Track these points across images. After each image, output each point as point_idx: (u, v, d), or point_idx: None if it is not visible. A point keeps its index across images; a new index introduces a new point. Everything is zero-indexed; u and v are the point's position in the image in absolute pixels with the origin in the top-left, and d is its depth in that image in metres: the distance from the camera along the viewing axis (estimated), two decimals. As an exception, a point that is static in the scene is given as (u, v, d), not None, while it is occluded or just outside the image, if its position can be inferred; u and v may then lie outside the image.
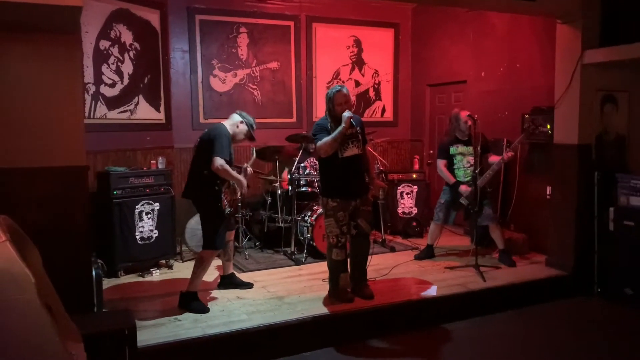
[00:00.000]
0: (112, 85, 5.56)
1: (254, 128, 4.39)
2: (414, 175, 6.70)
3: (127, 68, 5.66)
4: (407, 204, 6.59)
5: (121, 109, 5.61)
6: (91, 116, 5.33)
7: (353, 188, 4.24)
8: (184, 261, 5.46)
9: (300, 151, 5.85)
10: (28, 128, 3.37)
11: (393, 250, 5.89)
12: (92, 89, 5.34)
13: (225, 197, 4.18)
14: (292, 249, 5.62)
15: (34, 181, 3.37)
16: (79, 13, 2.95)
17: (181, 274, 4.96)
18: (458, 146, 5.31)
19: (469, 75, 6.62)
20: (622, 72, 5.03)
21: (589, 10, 4.86)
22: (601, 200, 4.95)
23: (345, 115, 4.05)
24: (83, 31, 3.71)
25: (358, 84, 7.33)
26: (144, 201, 5.07)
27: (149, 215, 5.10)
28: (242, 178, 4.23)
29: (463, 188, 5.19)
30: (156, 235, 5.14)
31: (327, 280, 4.43)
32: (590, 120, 4.98)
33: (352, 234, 4.32)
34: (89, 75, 5.27)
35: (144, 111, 5.83)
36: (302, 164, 5.88)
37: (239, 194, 4.44)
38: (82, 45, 5.24)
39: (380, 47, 7.44)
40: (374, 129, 6.37)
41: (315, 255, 5.47)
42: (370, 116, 7.39)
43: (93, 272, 3.66)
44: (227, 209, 4.25)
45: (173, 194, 5.26)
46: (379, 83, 7.48)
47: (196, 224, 5.05)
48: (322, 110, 7.00)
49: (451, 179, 5.29)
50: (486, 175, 5.14)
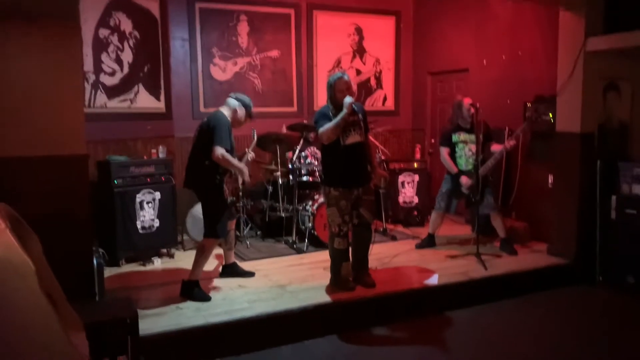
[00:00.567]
0: (112, 74, 5.53)
1: (251, 107, 4.33)
2: (415, 165, 6.68)
3: (127, 57, 5.63)
4: (408, 193, 6.57)
5: (121, 98, 5.59)
6: (91, 105, 5.31)
7: (355, 176, 4.23)
8: (185, 250, 5.46)
9: (302, 140, 5.83)
10: (28, 116, 3.35)
11: (394, 239, 5.89)
12: (92, 77, 5.32)
13: (227, 186, 4.17)
14: (294, 238, 5.62)
15: (34, 170, 3.36)
16: (77, 0, 2.92)
17: (183, 263, 4.96)
18: (460, 134, 5.28)
19: (471, 63, 6.57)
20: (625, 60, 4.99)
21: (592, -3, 4.82)
22: (603, 189, 4.94)
23: (347, 101, 4.02)
24: (82, 19, 3.67)
25: (359, 72, 7.29)
26: (145, 190, 5.06)
27: (150, 205, 5.09)
28: (244, 166, 4.20)
29: (463, 180, 5.16)
30: (157, 224, 5.13)
31: (329, 269, 4.43)
32: (593, 109, 4.95)
33: (354, 223, 4.32)
34: (88, 64, 5.24)
35: (144, 100, 5.81)
36: (303, 153, 5.86)
37: (241, 182, 4.41)
38: (82, 33, 5.22)
39: (381, 35, 7.38)
40: (375, 118, 6.33)
41: (317, 244, 5.47)
42: (372, 105, 7.36)
43: (94, 261, 3.66)
44: (230, 198, 4.24)
45: (174, 183, 5.24)
46: (380, 71, 7.44)
47: (197, 213, 5.04)
48: (323, 98, 6.98)
49: (453, 168, 5.27)
50: (488, 163, 5.12)
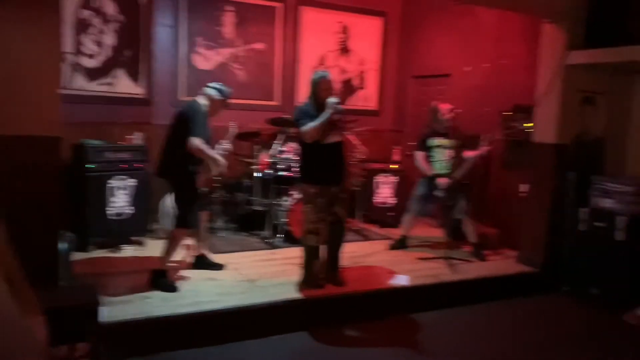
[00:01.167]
0: (92, 57, 5.45)
1: (228, 97, 4.28)
2: (392, 166, 6.71)
3: (109, 40, 5.54)
4: (384, 194, 6.60)
5: (100, 81, 5.50)
6: (68, 86, 5.21)
7: (333, 175, 4.25)
8: (156, 239, 5.40)
9: (282, 135, 5.81)
10: (1, 94, 3.27)
11: (368, 239, 5.91)
12: (71, 58, 5.22)
13: (200, 177, 4.13)
14: (268, 233, 5.60)
15: (4, 149, 3.28)
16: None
17: (153, 252, 4.87)
18: (437, 139, 5.33)
19: (454, 69, 6.62)
20: (604, 75, 5.09)
21: (576, 11, 4.89)
22: (574, 201, 5.02)
23: (331, 101, 4.05)
24: (63, -2, 3.63)
25: (343, 71, 7.29)
26: (119, 176, 5.00)
27: (123, 191, 5.03)
28: (219, 157, 4.17)
29: (440, 180, 5.22)
30: (130, 211, 5.07)
31: (301, 266, 4.44)
32: (569, 121, 5.04)
33: (329, 221, 4.33)
34: (68, 45, 5.14)
35: (123, 85, 5.72)
36: (283, 148, 5.85)
37: (216, 174, 4.38)
38: (63, 13, 5.11)
39: (367, 36, 7.39)
40: (357, 118, 6.33)
41: (290, 240, 5.45)
42: (354, 104, 7.36)
43: (62, 246, 3.60)
44: (203, 189, 4.20)
45: (149, 170, 5.17)
46: (365, 71, 7.45)
47: (170, 202, 4.99)
48: (305, 94, 7.00)
49: (428, 172, 5.32)
50: (462, 168, 5.19)
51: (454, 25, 6.63)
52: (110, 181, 4.94)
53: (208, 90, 4.22)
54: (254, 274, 4.53)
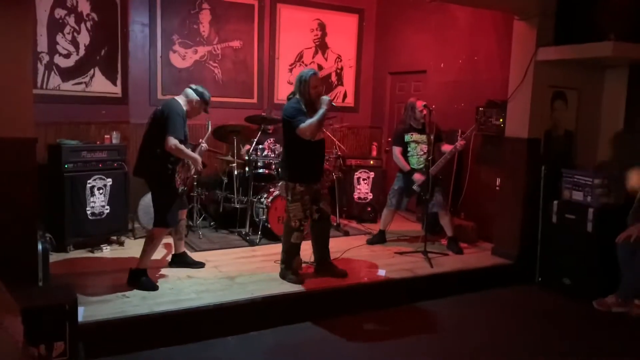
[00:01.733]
0: (67, 56, 5.42)
1: (209, 102, 4.31)
2: (372, 162, 6.80)
3: (84, 39, 5.52)
4: (363, 189, 6.68)
5: (76, 81, 5.48)
6: (44, 87, 5.19)
7: (318, 172, 4.38)
8: (135, 238, 5.41)
9: (259, 132, 5.85)
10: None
11: (347, 234, 5.98)
12: (46, 58, 5.20)
13: (178, 175, 4.15)
14: (247, 230, 5.63)
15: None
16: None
17: (132, 251, 4.91)
18: (413, 134, 5.42)
19: (429, 65, 6.72)
20: (573, 71, 5.20)
21: (545, 8, 4.99)
22: (547, 193, 5.15)
23: (326, 99, 4.19)
24: (36, -2, 3.62)
25: (321, 67, 7.33)
26: (97, 176, 4.99)
27: (100, 191, 5.02)
28: (197, 156, 4.19)
29: (417, 176, 5.31)
30: (108, 211, 5.07)
31: (280, 262, 4.49)
32: (541, 116, 5.16)
33: (315, 217, 4.41)
34: (42, 45, 5.11)
35: (99, 84, 5.70)
36: (261, 146, 5.88)
37: (193, 172, 4.41)
38: (36, 12, 5.08)
39: (344, 32, 7.45)
40: (335, 114, 6.40)
41: (270, 236, 5.50)
42: (332, 101, 7.41)
43: (39, 246, 3.60)
44: (181, 187, 4.23)
45: (127, 169, 5.18)
46: (342, 68, 7.51)
47: (149, 201, 5.00)
48: (284, 91, 7.05)
49: (406, 166, 5.41)
50: (438, 163, 5.28)
51: (428, 22, 6.72)
52: (88, 181, 4.92)
53: (189, 92, 4.23)
54: (234, 271, 4.57)
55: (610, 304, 4.51)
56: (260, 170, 5.82)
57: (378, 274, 4.68)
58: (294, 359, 3.63)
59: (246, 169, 5.73)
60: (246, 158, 5.68)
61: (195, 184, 5.51)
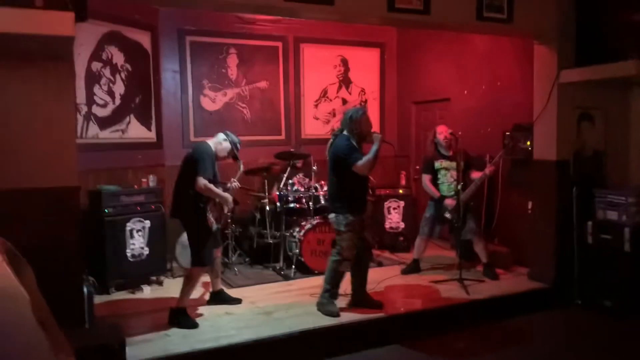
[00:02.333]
0: (104, 106, 5.68)
1: (239, 147, 4.49)
2: (401, 191, 6.84)
3: (119, 88, 5.79)
4: (394, 218, 6.72)
5: (113, 129, 5.73)
6: (83, 136, 5.43)
7: (365, 203, 4.58)
8: (174, 277, 5.54)
9: (289, 168, 5.98)
10: (23, 151, 3.47)
11: (380, 264, 6.00)
12: (84, 109, 5.46)
13: (211, 215, 4.29)
14: (281, 265, 5.71)
15: (28, 202, 3.46)
16: (71, 42, 3.08)
17: (171, 290, 5.02)
18: (442, 161, 5.48)
19: (453, 93, 6.80)
20: (598, 91, 5.21)
21: (564, 31, 5.06)
22: (580, 214, 5.10)
23: (378, 136, 4.41)
24: (75, 54, 3.83)
25: (345, 102, 7.50)
26: (135, 219, 5.17)
27: (139, 233, 5.19)
28: (227, 195, 4.34)
29: (448, 202, 5.34)
30: (147, 252, 5.23)
31: (317, 295, 4.53)
32: (568, 137, 5.16)
33: (360, 246, 4.52)
34: (81, 96, 5.38)
35: (135, 130, 5.95)
36: (291, 181, 6.01)
37: (227, 211, 4.55)
38: (75, 66, 5.37)
39: (366, 66, 7.62)
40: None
41: (303, 270, 5.57)
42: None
43: (84, 289, 3.75)
44: (215, 226, 4.36)
45: (164, 211, 5.35)
46: (366, 101, 7.66)
47: (186, 241, 5.14)
48: (310, 127, 7.23)
49: (436, 194, 5.44)
50: (469, 190, 5.30)
51: (448, 51, 6.84)
52: (127, 224, 5.10)
53: (220, 136, 4.45)
54: (270, 306, 4.63)
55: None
56: (292, 205, 5.93)
57: (415, 306, 4.66)
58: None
59: (277, 204, 5.85)
60: (277, 194, 5.80)
61: (229, 221, 5.64)
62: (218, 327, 4.17)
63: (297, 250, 5.56)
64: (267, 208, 5.92)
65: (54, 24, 2.89)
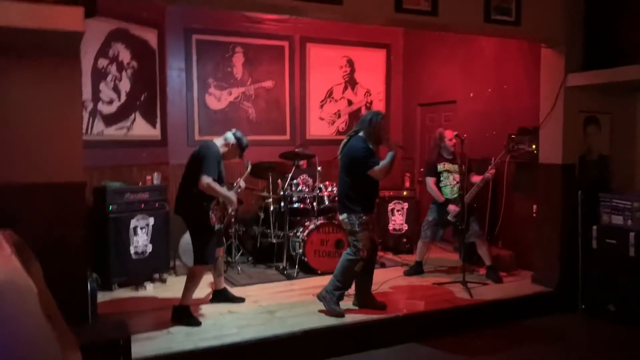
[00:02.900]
0: (110, 103, 5.69)
1: (244, 147, 4.46)
2: (405, 193, 6.83)
3: (125, 86, 5.80)
4: (398, 220, 6.71)
5: (118, 126, 5.73)
6: (88, 132, 5.44)
7: (375, 203, 4.59)
8: (177, 275, 5.55)
9: (293, 168, 5.98)
10: (29, 146, 3.47)
11: (383, 266, 6.00)
12: (90, 106, 5.46)
13: (214, 214, 4.28)
14: (284, 264, 5.71)
15: (34, 196, 3.46)
16: (80, 38, 3.08)
17: (174, 288, 5.02)
18: (445, 164, 5.47)
19: (459, 95, 6.80)
20: (604, 95, 5.20)
21: (572, 35, 5.05)
22: (585, 219, 5.09)
23: (397, 144, 4.46)
24: (82, 51, 3.83)
25: (350, 102, 7.50)
26: (139, 216, 5.17)
27: (143, 230, 5.19)
28: (231, 194, 4.33)
29: (451, 207, 5.33)
30: (150, 249, 5.23)
31: (318, 296, 4.52)
32: (574, 141, 5.15)
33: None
34: (87, 93, 5.38)
35: (140, 128, 5.96)
36: (295, 181, 6.01)
37: (230, 210, 4.54)
38: (81, 64, 5.38)
39: (372, 68, 7.62)
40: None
41: (307, 270, 5.57)
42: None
43: (88, 286, 3.75)
44: (217, 225, 4.35)
45: (168, 209, 5.35)
46: (371, 102, 7.65)
47: (189, 239, 5.15)
48: (315, 127, 7.23)
49: (440, 197, 5.44)
50: (471, 191, 5.31)
51: (455, 53, 6.83)
52: (131, 221, 5.10)
53: (228, 135, 4.43)
54: (274, 305, 4.63)
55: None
56: (296, 205, 5.93)
57: (417, 307, 4.66)
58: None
59: (282, 204, 5.85)
60: (281, 193, 5.80)
61: (232, 220, 5.64)
62: (221, 326, 4.16)
63: (301, 250, 5.56)
64: (271, 208, 5.92)
65: (64, 19, 2.89)
